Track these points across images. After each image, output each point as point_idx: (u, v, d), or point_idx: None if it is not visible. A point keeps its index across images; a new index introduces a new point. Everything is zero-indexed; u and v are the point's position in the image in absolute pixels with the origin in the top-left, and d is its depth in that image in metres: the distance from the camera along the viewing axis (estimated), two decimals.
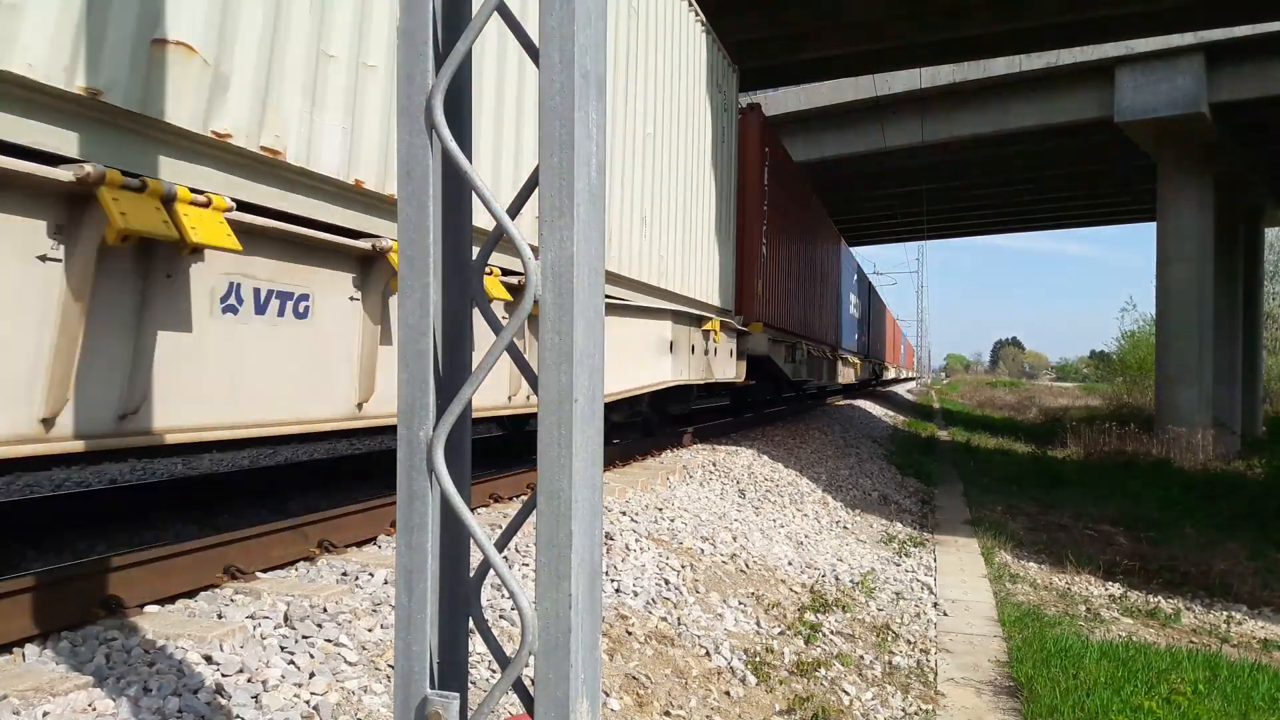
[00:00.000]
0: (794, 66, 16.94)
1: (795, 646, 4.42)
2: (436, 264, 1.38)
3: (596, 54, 1.32)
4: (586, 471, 1.31)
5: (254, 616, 3.04)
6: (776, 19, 14.66)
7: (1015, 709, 4.17)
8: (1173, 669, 4.76)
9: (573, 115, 1.26)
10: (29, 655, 2.66)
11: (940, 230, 38.13)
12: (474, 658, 3.03)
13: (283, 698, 2.52)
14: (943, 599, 6.08)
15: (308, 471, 7.45)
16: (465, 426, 1.46)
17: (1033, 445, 19.62)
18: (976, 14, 14.55)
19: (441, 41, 1.39)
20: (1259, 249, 27.84)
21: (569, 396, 1.27)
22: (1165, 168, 19.86)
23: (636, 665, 3.53)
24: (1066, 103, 19.89)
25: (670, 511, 6.12)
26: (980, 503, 10.68)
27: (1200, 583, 7.59)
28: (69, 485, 6.95)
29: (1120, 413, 26.44)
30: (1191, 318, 19.24)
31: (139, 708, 2.33)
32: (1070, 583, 7.32)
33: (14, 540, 4.94)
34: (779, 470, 9.61)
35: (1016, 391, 57.28)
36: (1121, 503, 11.40)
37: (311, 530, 4.18)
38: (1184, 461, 16.83)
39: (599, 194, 1.34)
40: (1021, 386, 70.12)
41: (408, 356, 1.37)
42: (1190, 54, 18.13)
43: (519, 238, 1.27)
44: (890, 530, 8.44)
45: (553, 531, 1.27)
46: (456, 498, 1.31)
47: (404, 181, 1.36)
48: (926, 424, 24.57)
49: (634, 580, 4.42)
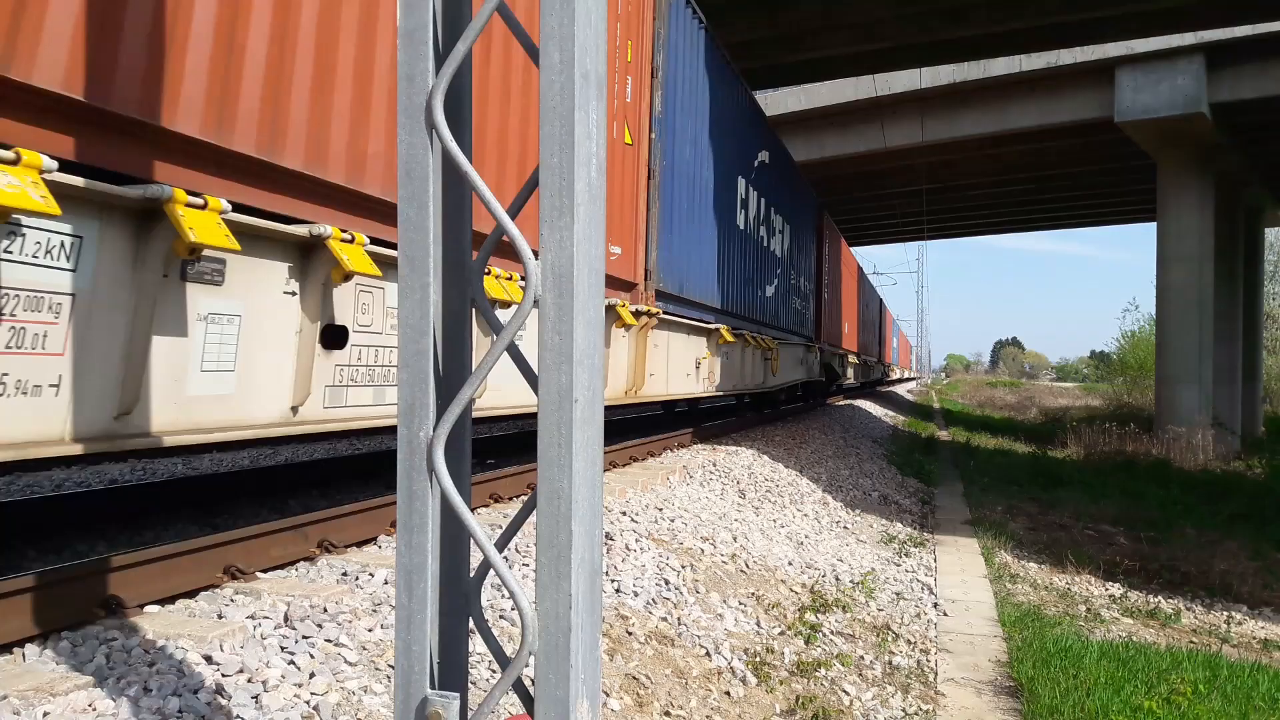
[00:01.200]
0: (794, 66, 16.96)
1: (795, 647, 4.42)
2: (437, 264, 1.38)
3: (596, 54, 1.32)
4: (587, 471, 1.31)
5: (254, 616, 3.04)
6: (776, 19, 14.66)
7: (1015, 709, 4.17)
8: (1173, 669, 4.76)
9: (573, 115, 1.26)
10: (29, 655, 2.66)
11: (940, 230, 38.15)
12: (474, 658, 3.03)
13: (283, 698, 2.52)
14: (943, 599, 6.08)
15: (307, 471, 7.46)
16: (465, 426, 1.46)
17: (1033, 445, 19.61)
18: (976, 14, 14.56)
19: (441, 41, 1.39)
20: (1259, 249, 27.85)
21: (569, 396, 1.27)
22: (1165, 168, 19.86)
23: (636, 665, 3.53)
24: (1066, 103, 19.90)
25: (670, 511, 6.12)
26: (980, 503, 10.68)
27: (1200, 583, 7.59)
28: (69, 485, 6.95)
29: (1120, 413, 26.46)
30: (1191, 318, 19.24)
31: (139, 708, 2.33)
32: (1070, 583, 7.33)
33: (14, 540, 4.94)
34: (779, 470, 9.61)
35: (1016, 392, 57.25)
36: (1121, 503, 11.40)
37: (311, 530, 4.18)
38: (1184, 461, 16.82)
39: (599, 194, 1.34)
40: (1021, 387, 70.11)
41: (408, 356, 1.37)
42: (1190, 54, 18.13)
43: (519, 238, 1.27)
44: (890, 530, 8.44)
45: (553, 531, 1.27)
46: (456, 498, 1.31)
47: (404, 182, 1.36)
48: (926, 424, 24.57)
49: (634, 580, 4.42)
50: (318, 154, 3.69)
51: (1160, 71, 18.47)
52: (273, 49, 3.43)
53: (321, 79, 3.70)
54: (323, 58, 3.72)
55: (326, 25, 3.73)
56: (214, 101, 3.16)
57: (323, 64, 3.72)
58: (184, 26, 3.04)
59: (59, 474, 7.36)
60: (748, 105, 11.86)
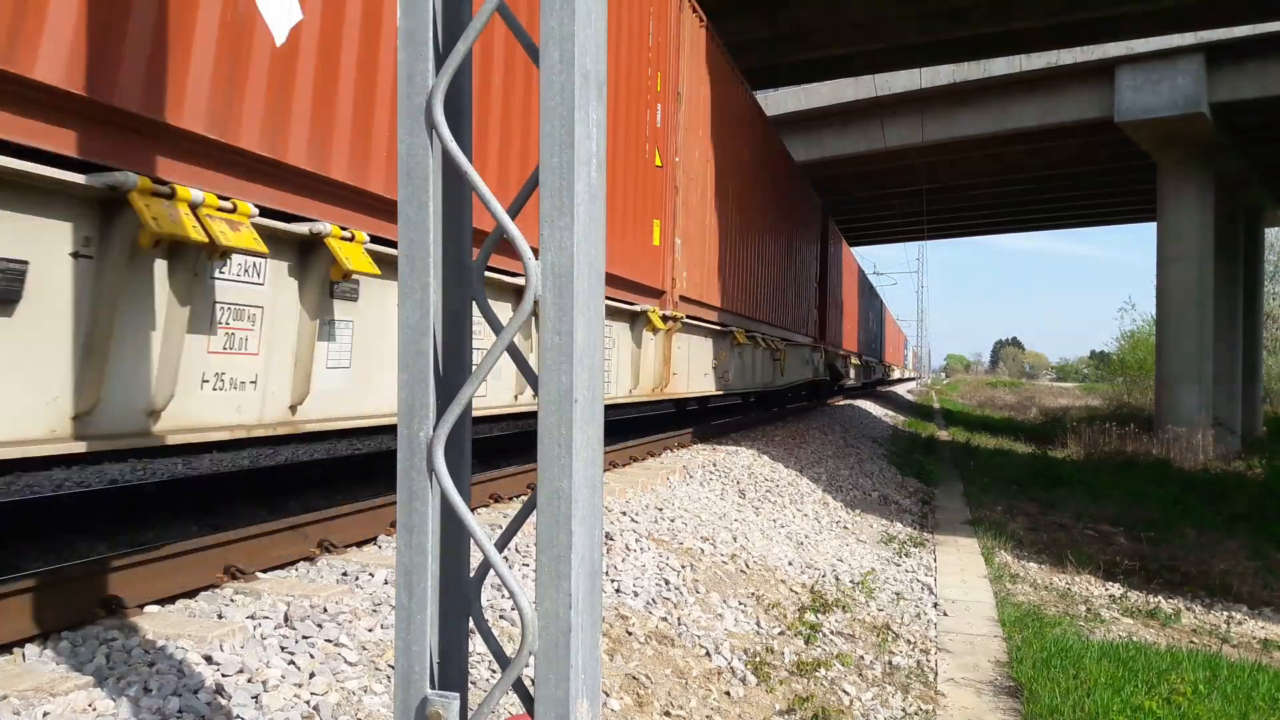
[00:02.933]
0: (794, 66, 16.96)
1: (795, 646, 4.42)
2: (437, 264, 1.38)
3: (597, 54, 1.32)
4: (587, 471, 1.31)
5: (254, 616, 3.04)
6: (776, 19, 14.66)
7: (1015, 709, 4.17)
8: (1173, 669, 4.76)
9: (573, 115, 1.26)
10: (29, 655, 2.66)
11: (940, 230, 38.14)
12: (474, 658, 3.03)
13: (283, 698, 2.52)
14: (943, 599, 6.08)
15: (307, 472, 7.46)
16: (465, 426, 1.46)
17: (1033, 445, 19.61)
18: (976, 14, 14.55)
19: (441, 41, 1.39)
20: (1259, 249, 27.83)
21: (569, 396, 1.27)
22: (1165, 168, 19.86)
23: (636, 665, 3.53)
24: (1066, 103, 19.89)
25: (670, 511, 6.12)
26: (980, 503, 10.68)
27: (1200, 583, 7.59)
28: (69, 485, 6.95)
29: (1120, 413, 26.46)
30: (1191, 318, 19.24)
31: (139, 708, 2.33)
32: (1070, 583, 7.32)
33: (14, 540, 4.95)
34: (779, 470, 9.61)
35: (1016, 392, 57.25)
36: (1121, 503, 11.40)
37: (311, 530, 4.18)
38: (1184, 461, 16.82)
39: (599, 194, 1.34)
40: (1021, 387, 70.11)
41: (408, 356, 1.37)
42: (1190, 54, 18.13)
43: (519, 238, 1.27)
44: (890, 530, 8.44)
45: (553, 531, 1.27)
46: (456, 498, 1.31)
47: (404, 181, 1.36)
48: (926, 424, 24.56)
49: (634, 580, 4.42)
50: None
51: (1160, 71, 18.47)
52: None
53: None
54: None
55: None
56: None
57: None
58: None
59: (59, 474, 7.36)
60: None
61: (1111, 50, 18.48)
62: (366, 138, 3.86)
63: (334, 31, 3.67)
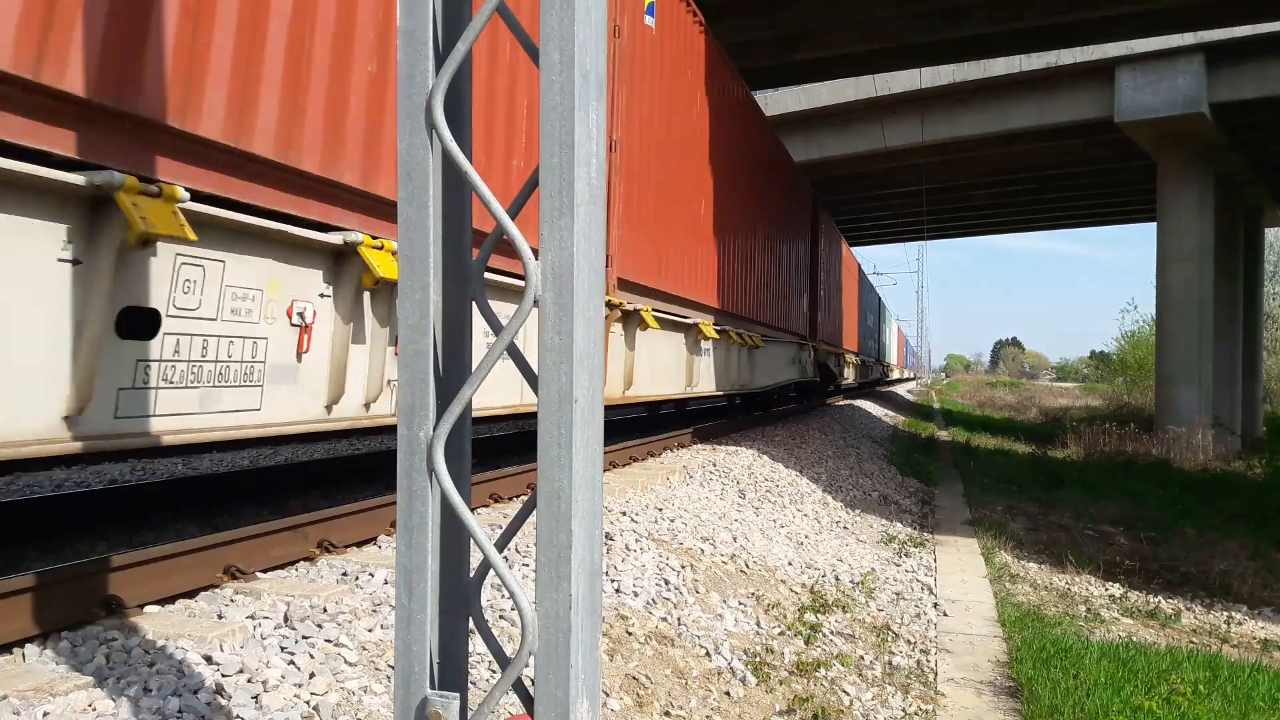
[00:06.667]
0: (793, 66, 16.96)
1: (795, 647, 4.42)
2: (437, 264, 1.38)
3: (596, 54, 1.32)
4: (587, 471, 1.31)
5: (254, 616, 3.04)
6: (775, 19, 14.66)
7: (1015, 709, 4.17)
8: (1173, 669, 4.76)
9: (573, 115, 1.26)
10: (29, 655, 2.66)
11: (940, 230, 38.14)
12: (474, 658, 3.03)
13: (283, 698, 2.52)
14: (943, 599, 6.08)
15: (308, 472, 7.46)
16: (465, 426, 1.46)
17: (1033, 445, 19.61)
18: (976, 14, 14.56)
19: (441, 41, 1.39)
20: (1259, 249, 27.85)
21: (569, 397, 1.27)
22: (1165, 168, 19.86)
23: (636, 665, 3.53)
24: (1066, 103, 19.89)
25: (670, 512, 6.12)
26: (980, 503, 10.67)
27: (1200, 583, 7.58)
28: (69, 485, 6.95)
29: (1120, 413, 26.45)
30: (1191, 318, 19.24)
31: (139, 708, 2.33)
32: (1070, 583, 7.32)
33: (14, 540, 4.94)
34: (779, 470, 9.60)
35: (1016, 392, 57.20)
36: (1121, 503, 11.39)
37: (311, 530, 4.18)
38: (1184, 461, 16.83)
39: (599, 194, 1.34)
40: (1021, 387, 70.07)
41: (408, 356, 1.37)
42: (1190, 54, 18.13)
43: (519, 238, 1.27)
44: (890, 530, 8.43)
45: (553, 531, 1.27)
46: (456, 498, 1.31)
47: (404, 182, 1.36)
48: (926, 424, 24.56)
49: (634, 580, 4.42)
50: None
51: (1160, 71, 18.47)
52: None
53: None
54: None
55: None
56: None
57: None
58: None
59: (59, 474, 7.35)
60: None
61: (1111, 50, 18.48)
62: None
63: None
